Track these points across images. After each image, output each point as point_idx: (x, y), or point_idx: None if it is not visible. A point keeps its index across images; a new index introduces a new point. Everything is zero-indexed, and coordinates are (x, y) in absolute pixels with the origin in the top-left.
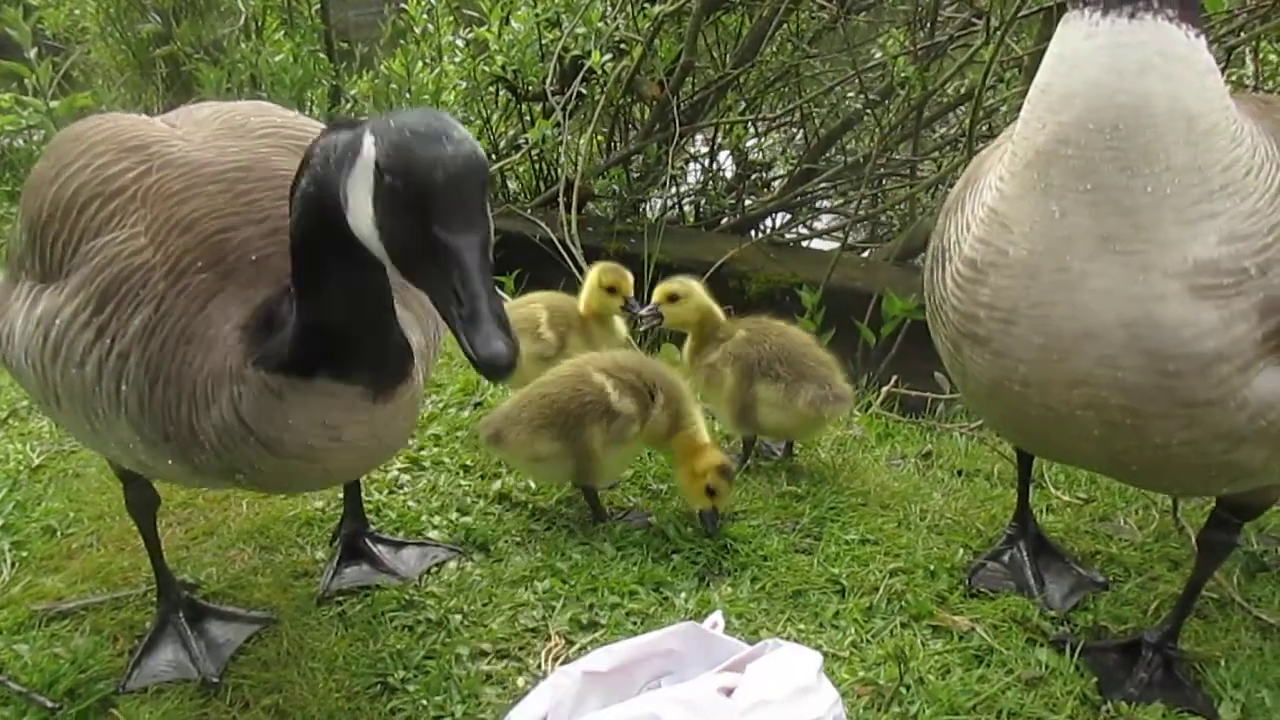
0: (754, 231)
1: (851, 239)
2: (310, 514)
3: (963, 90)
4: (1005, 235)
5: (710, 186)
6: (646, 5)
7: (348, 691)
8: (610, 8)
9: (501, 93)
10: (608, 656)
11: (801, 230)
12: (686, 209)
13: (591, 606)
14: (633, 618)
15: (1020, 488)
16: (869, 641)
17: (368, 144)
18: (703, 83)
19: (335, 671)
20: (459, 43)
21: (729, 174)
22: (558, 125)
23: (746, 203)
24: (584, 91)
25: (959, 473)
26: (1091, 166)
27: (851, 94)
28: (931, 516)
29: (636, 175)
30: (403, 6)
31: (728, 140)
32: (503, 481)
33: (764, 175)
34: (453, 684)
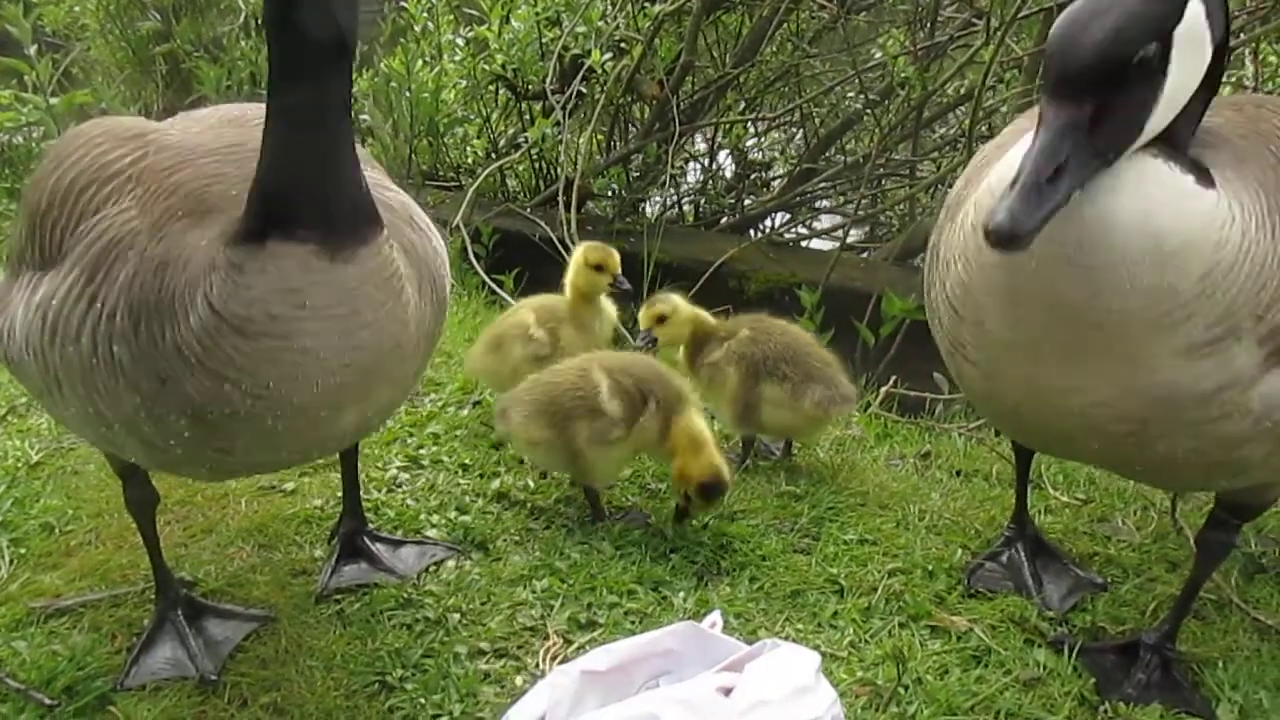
0: (753, 231)
1: (851, 239)
2: (309, 512)
3: (963, 91)
4: (978, 311)
5: (710, 186)
6: (647, 4)
7: (346, 690)
8: (610, 7)
9: (501, 91)
10: (606, 656)
11: (801, 230)
12: (686, 208)
13: (590, 606)
14: (631, 617)
15: (1018, 488)
16: (867, 641)
17: None
18: (703, 82)
19: (333, 670)
20: (459, 41)
21: (729, 173)
22: (557, 124)
23: (746, 202)
24: (584, 90)
25: (957, 473)
26: (1053, 282)
27: (851, 94)
28: (930, 517)
29: (636, 174)
30: (403, 5)
31: (727, 140)
32: (501, 480)
33: (764, 175)
34: (451, 682)
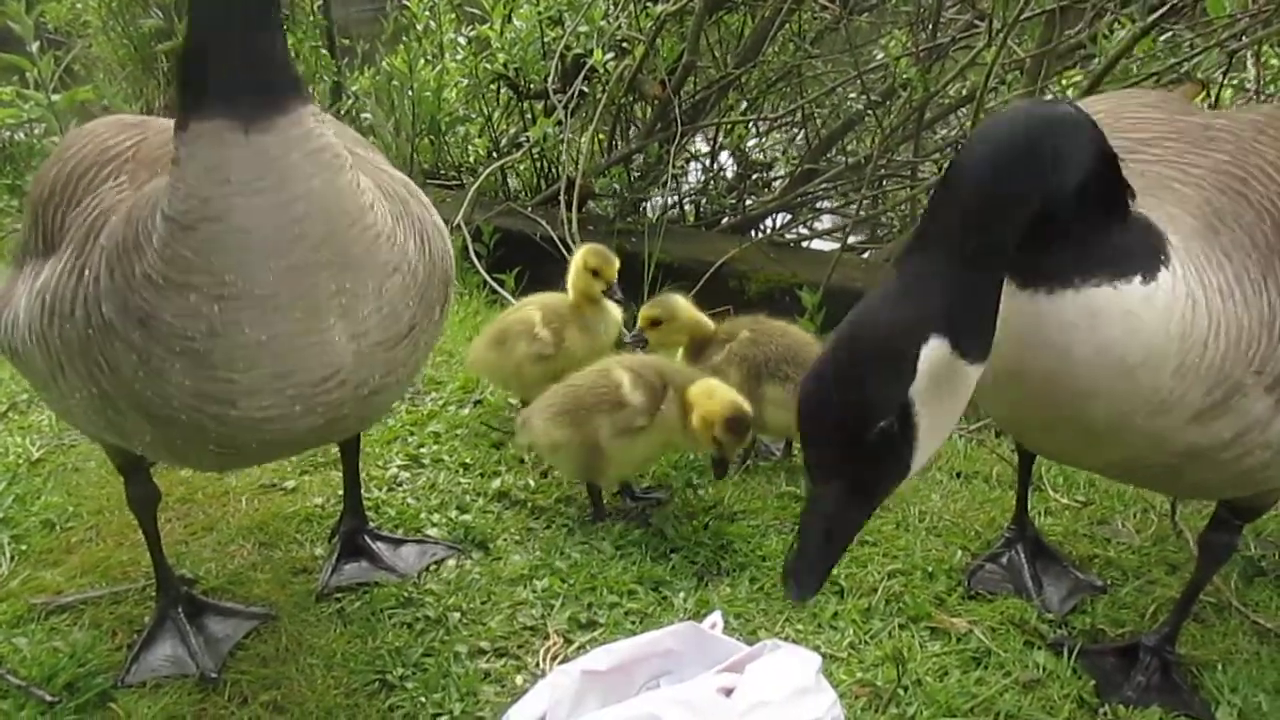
0: (754, 231)
1: (852, 240)
2: (309, 510)
3: (964, 92)
4: (983, 384)
5: (711, 186)
6: (649, 4)
7: (346, 688)
8: (613, 6)
9: (503, 90)
10: (606, 656)
11: (802, 230)
12: (687, 208)
13: (590, 605)
14: (631, 617)
15: (1019, 490)
16: (867, 642)
17: None
18: (704, 82)
19: (334, 668)
20: (461, 40)
21: (730, 174)
22: (559, 123)
23: (747, 203)
24: (586, 90)
25: (958, 475)
26: (1043, 399)
27: (853, 95)
28: (930, 518)
29: (637, 174)
30: (405, 3)
31: (729, 140)
32: (502, 480)
33: (765, 175)
34: (451, 682)
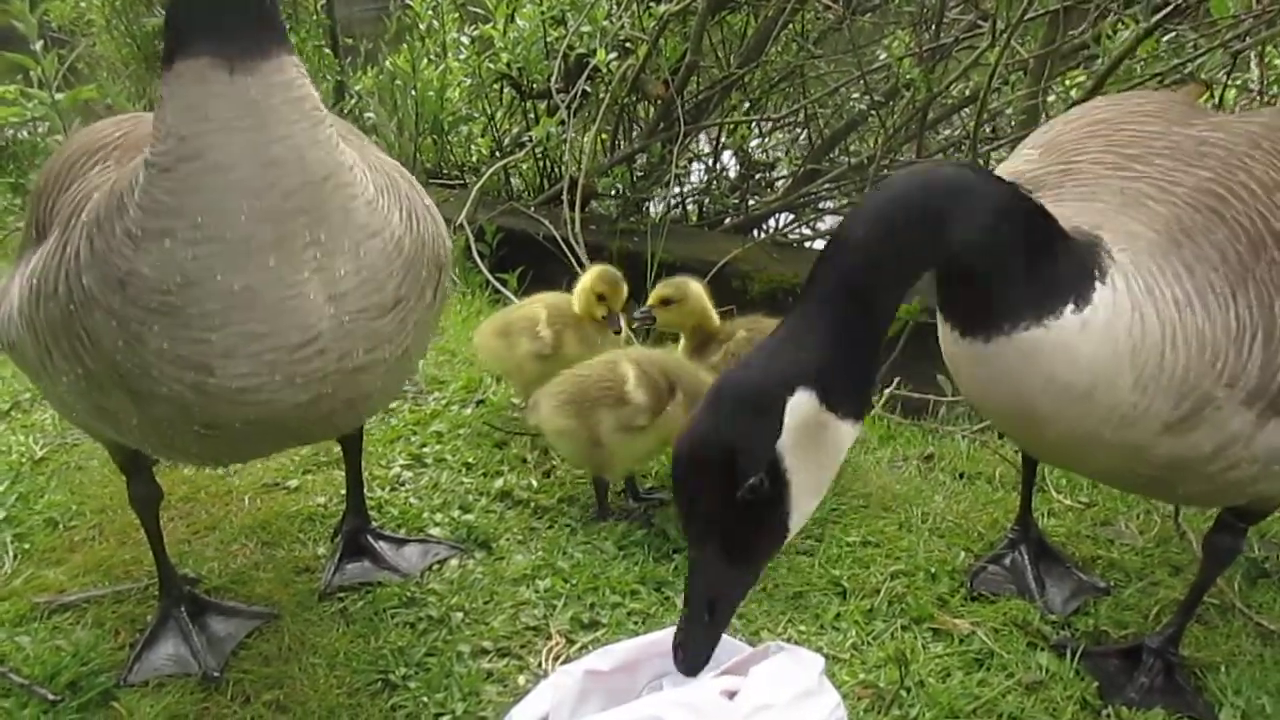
0: (757, 231)
1: None
2: (312, 509)
3: (967, 92)
4: (968, 392)
5: (714, 186)
6: (652, 4)
7: (349, 688)
8: (616, 6)
9: (506, 90)
10: (609, 656)
11: (805, 231)
12: (690, 208)
13: (593, 605)
14: (634, 617)
15: (1024, 491)
16: (869, 644)
17: None
18: (707, 82)
19: (336, 667)
20: (464, 40)
21: (733, 174)
22: (562, 123)
23: (750, 202)
24: (589, 90)
25: (960, 475)
26: (1019, 414)
27: (856, 95)
28: (933, 519)
29: (640, 174)
30: (408, 3)
31: (732, 140)
32: (505, 479)
33: (768, 175)
34: (454, 681)
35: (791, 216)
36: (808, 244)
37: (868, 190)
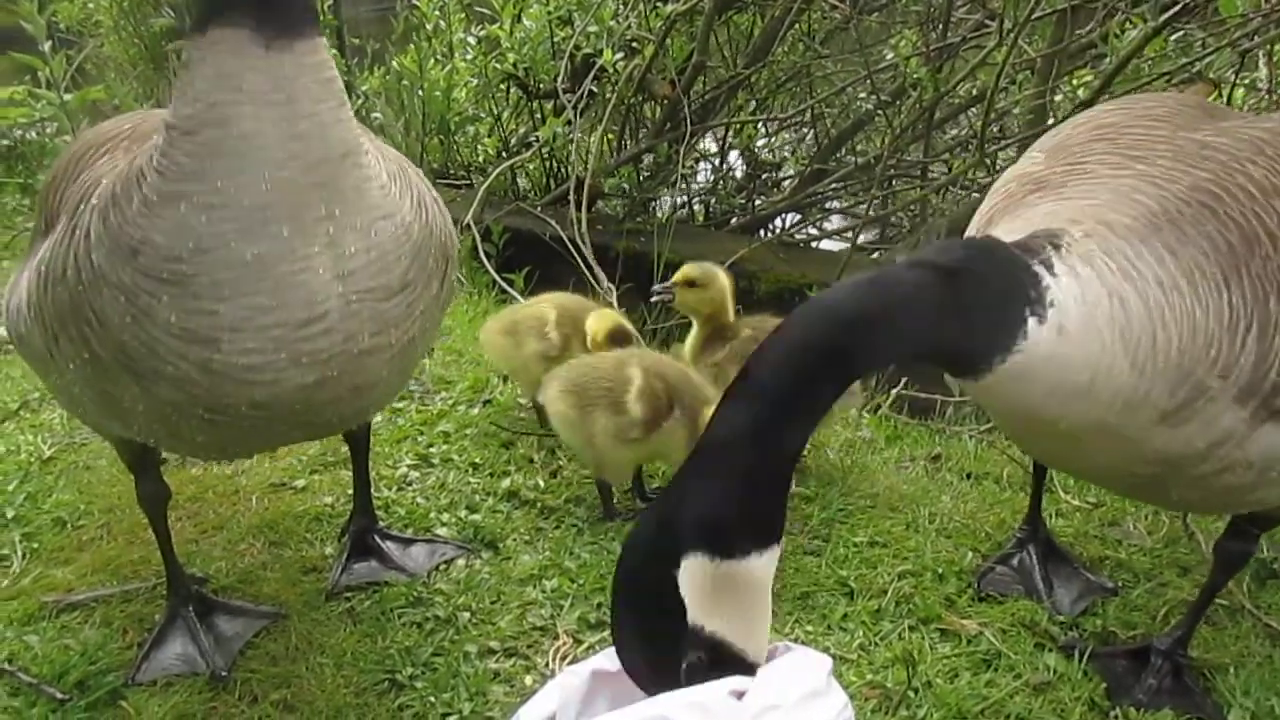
0: (763, 231)
1: (861, 240)
2: (319, 509)
3: (975, 92)
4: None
5: (720, 186)
6: (659, 4)
7: (356, 687)
8: (622, 6)
9: (513, 90)
10: (617, 656)
11: (811, 231)
12: (696, 208)
13: (599, 605)
14: None
15: (1034, 490)
16: (877, 644)
17: None
18: (714, 82)
19: (344, 667)
20: (471, 40)
21: (739, 174)
22: (569, 123)
23: (756, 202)
24: (595, 90)
25: (968, 476)
26: (1004, 423)
27: (863, 95)
28: (940, 519)
29: (647, 174)
30: (414, 3)
31: (738, 140)
32: (511, 479)
33: (774, 175)
34: (460, 681)
35: (798, 216)
36: (814, 244)
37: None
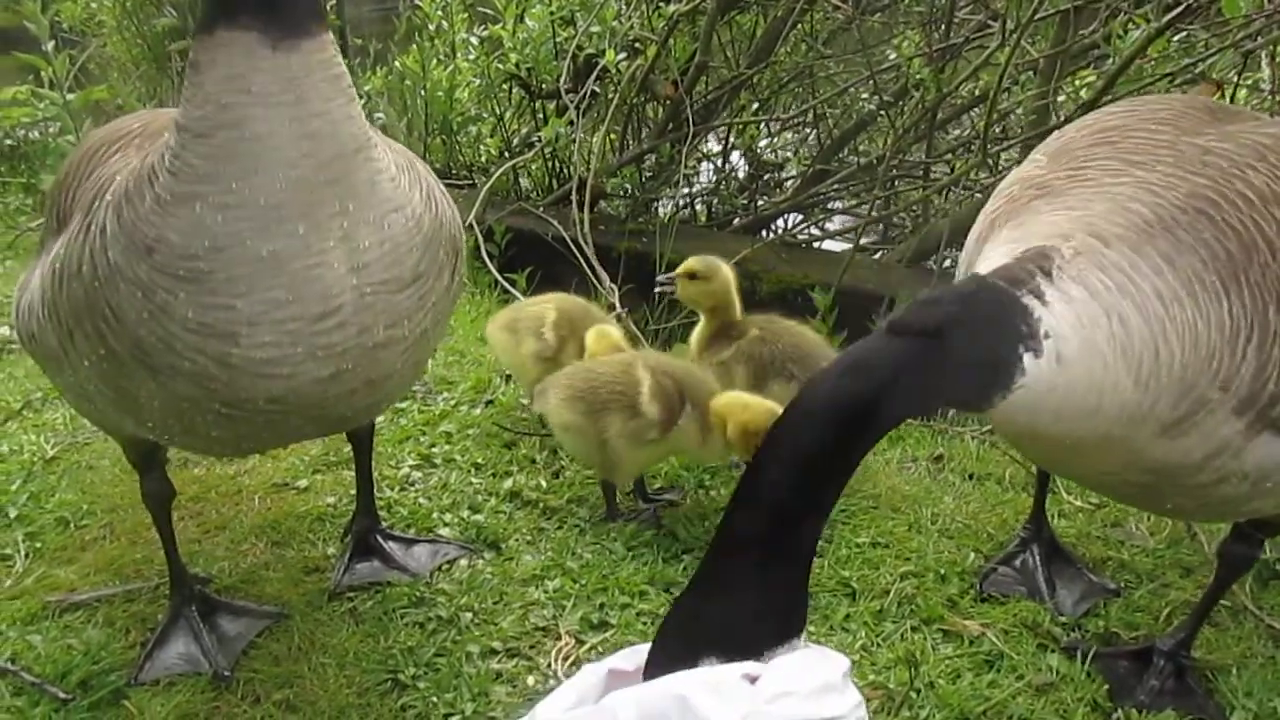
0: (766, 232)
1: (864, 240)
2: (322, 509)
3: (977, 92)
4: None
5: (723, 186)
6: (661, 4)
7: (358, 687)
8: (625, 6)
9: (515, 90)
10: (633, 656)
11: (814, 231)
12: (698, 208)
13: (602, 606)
14: (643, 618)
15: (1038, 489)
16: (879, 645)
17: None
18: (716, 82)
19: (346, 667)
20: (473, 40)
21: (742, 174)
22: (571, 123)
23: (759, 203)
24: (598, 90)
25: (970, 476)
26: (1029, 436)
27: (865, 95)
28: (942, 520)
29: (649, 174)
30: (417, 3)
31: (741, 140)
32: (514, 480)
33: (777, 175)
34: (463, 682)
35: (800, 217)
36: (817, 244)
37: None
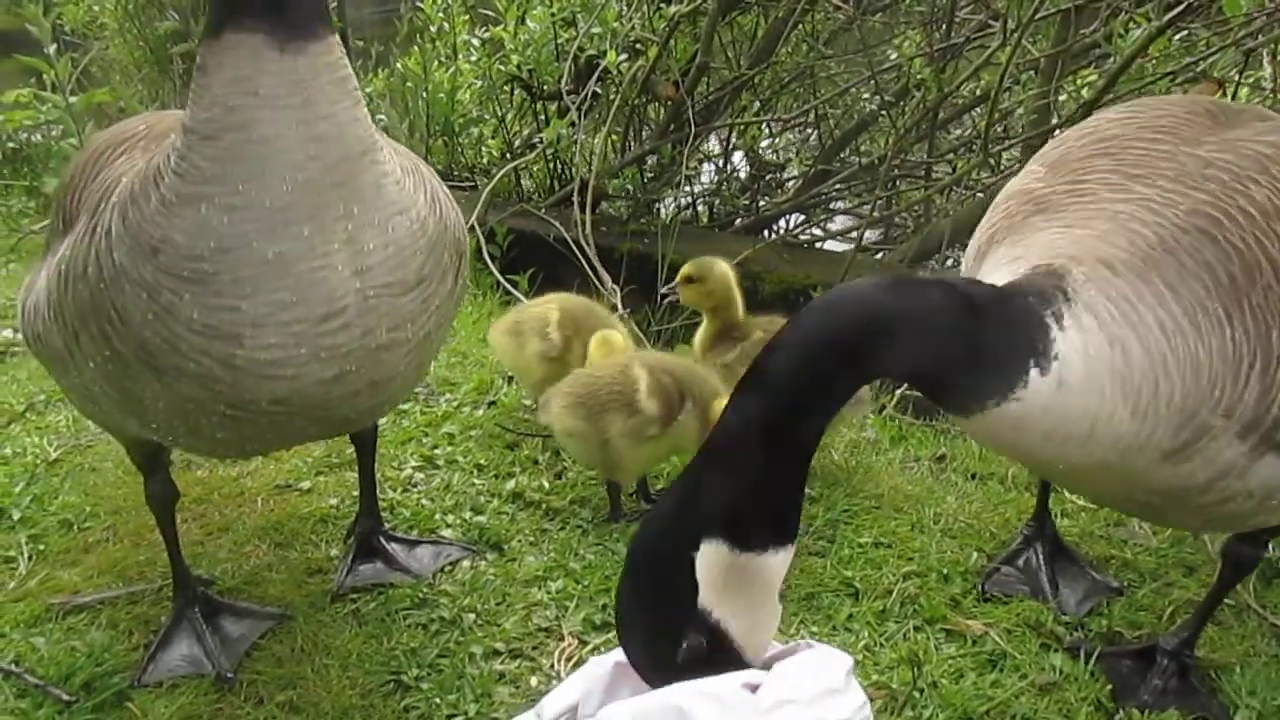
0: (768, 232)
1: (866, 240)
2: (325, 511)
3: (978, 92)
4: None
5: (724, 187)
6: (662, 5)
7: (361, 688)
8: (626, 8)
9: (517, 92)
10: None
11: (815, 231)
12: (700, 209)
13: (604, 607)
14: None
15: (1040, 488)
16: (882, 645)
17: None
18: (718, 83)
19: (349, 668)
20: (474, 41)
21: (743, 174)
22: (572, 125)
23: (760, 203)
24: (599, 91)
25: (973, 476)
26: (1025, 454)
27: (867, 95)
28: (945, 520)
29: (651, 175)
30: (418, 5)
31: (742, 141)
32: (516, 481)
33: (778, 176)
34: (466, 683)
35: (802, 217)
36: (818, 244)
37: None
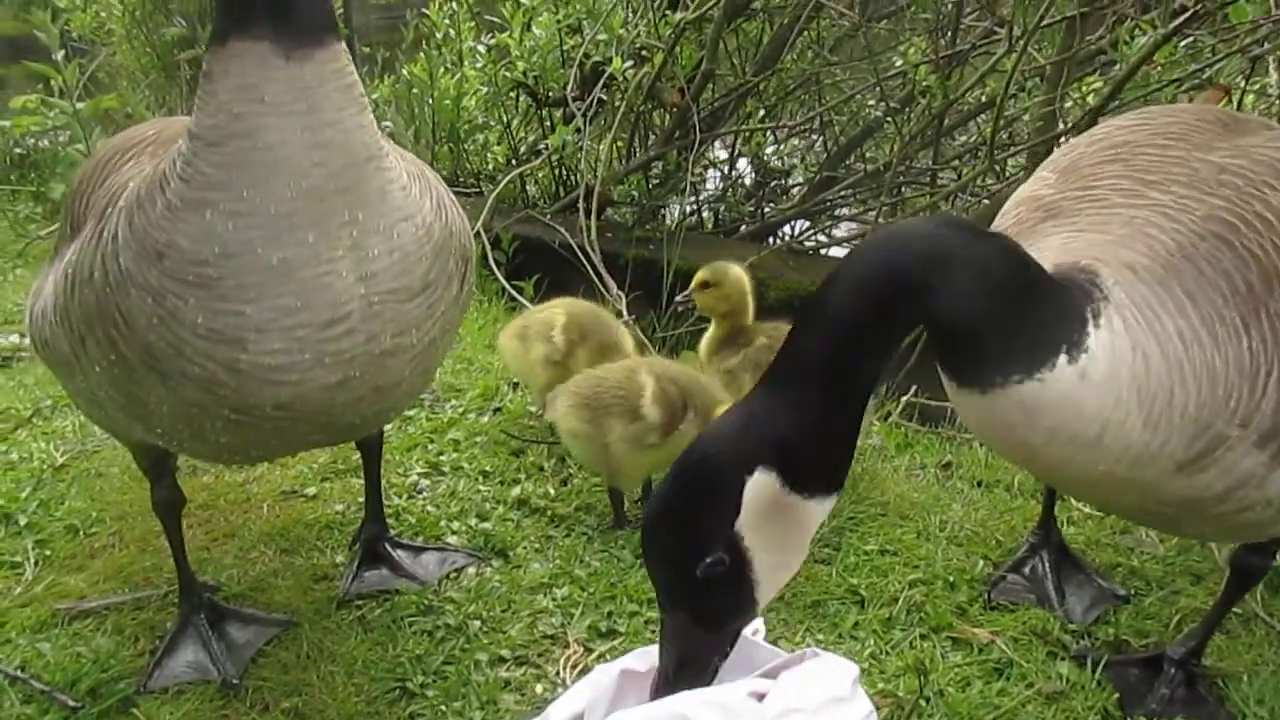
0: (773, 239)
1: None
2: (330, 517)
3: (984, 99)
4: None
5: (730, 193)
6: (668, 12)
7: (367, 696)
8: (632, 14)
9: (522, 98)
10: (646, 657)
11: (821, 238)
12: (705, 215)
13: (610, 614)
14: (651, 626)
15: (1046, 496)
16: (888, 653)
17: None
18: (723, 90)
19: (355, 675)
20: (480, 48)
21: (748, 181)
22: (578, 131)
23: (766, 210)
24: (605, 98)
25: (979, 484)
26: (1012, 460)
27: (872, 102)
28: (951, 527)
29: (656, 181)
30: (424, 12)
31: (747, 147)
32: (522, 488)
33: (783, 182)
34: (471, 690)
35: (807, 224)
36: (824, 251)
37: (852, 249)
